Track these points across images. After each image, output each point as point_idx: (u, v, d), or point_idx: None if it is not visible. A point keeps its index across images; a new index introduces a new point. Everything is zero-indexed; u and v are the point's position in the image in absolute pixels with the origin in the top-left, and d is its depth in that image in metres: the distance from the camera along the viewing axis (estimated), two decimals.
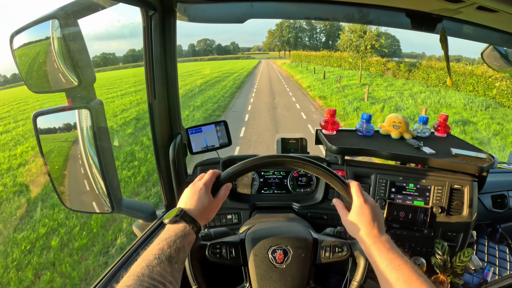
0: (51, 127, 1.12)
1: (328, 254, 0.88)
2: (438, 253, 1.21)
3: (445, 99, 14.50)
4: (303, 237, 0.91)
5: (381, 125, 1.55)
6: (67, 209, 1.22)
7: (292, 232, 0.93)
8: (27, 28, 0.99)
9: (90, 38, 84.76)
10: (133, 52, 78.02)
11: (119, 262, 1.12)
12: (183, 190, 0.85)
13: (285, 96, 16.91)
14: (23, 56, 1.06)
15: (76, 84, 1.01)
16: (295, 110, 12.55)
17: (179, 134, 1.37)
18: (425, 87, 18.36)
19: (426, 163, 1.29)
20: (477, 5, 0.93)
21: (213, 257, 0.88)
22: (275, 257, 0.88)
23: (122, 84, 28.25)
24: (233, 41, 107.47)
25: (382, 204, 1.30)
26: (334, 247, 0.89)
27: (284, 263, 0.87)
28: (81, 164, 1.15)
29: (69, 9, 0.97)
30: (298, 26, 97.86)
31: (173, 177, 1.34)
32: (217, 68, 49.12)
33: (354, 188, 0.82)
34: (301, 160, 0.85)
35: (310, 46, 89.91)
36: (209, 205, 0.81)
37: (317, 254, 0.89)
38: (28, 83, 1.06)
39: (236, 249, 0.90)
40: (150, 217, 1.37)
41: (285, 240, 0.90)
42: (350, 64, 29.71)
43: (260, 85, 22.82)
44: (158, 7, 1.13)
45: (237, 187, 1.44)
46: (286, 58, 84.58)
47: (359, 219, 0.78)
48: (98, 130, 1.06)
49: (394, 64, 22.81)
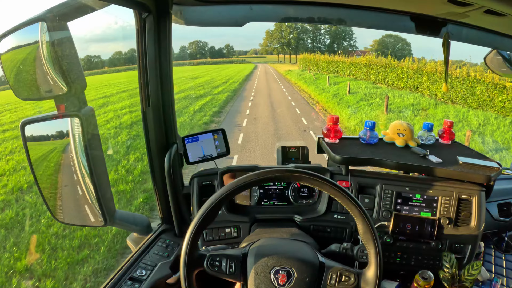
0: (39, 134, 1.07)
1: (334, 282, 0.84)
2: (446, 266, 1.17)
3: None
4: (309, 261, 0.87)
5: (385, 132, 1.50)
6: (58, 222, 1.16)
7: (298, 253, 0.88)
8: (14, 31, 0.94)
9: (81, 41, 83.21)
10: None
11: (111, 281, 1.06)
12: (180, 202, 0.80)
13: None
14: (10, 61, 1.00)
15: (65, 91, 0.96)
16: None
17: (174, 143, 1.31)
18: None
19: (433, 172, 1.24)
20: (485, 9, 0.90)
21: (211, 270, 0.84)
22: (277, 278, 0.83)
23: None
24: (228, 43, 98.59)
25: (388, 216, 1.25)
26: (341, 275, 0.85)
27: (287, 286, 0.82)
28: (72, 174, 1.10)
29: (58, 11, 0.92)
30: (299, 27, 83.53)
31: (168, 188, 1.28)
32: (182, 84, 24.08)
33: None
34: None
35: (312, 49, 79.45)
36: None
37: (322, 280, 0.85)
38: (15, 90, 1.01)
39: (237, 263, 0.85)
40: (145, 230, 1.31)
41: (290, 261, 0.85)
42: (377, 75, 19.30)
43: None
44: (153, 10, 1.08)
45: (236, 199, 1.38)
46: (287, 63, 74.08)
47: None
48: (89, 138, 1.01)
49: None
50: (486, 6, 0.87)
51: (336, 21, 1.26)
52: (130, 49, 49.12)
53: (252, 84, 24.87)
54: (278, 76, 33.21)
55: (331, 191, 0.85)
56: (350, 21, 1.27)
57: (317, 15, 1.23)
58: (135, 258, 1.17)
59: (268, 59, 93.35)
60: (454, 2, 0.91)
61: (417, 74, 16.07)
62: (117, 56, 65.56)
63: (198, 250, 0.84)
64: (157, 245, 1.27)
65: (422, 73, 15.72)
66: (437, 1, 0.96)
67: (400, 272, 1.31)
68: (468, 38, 1.33)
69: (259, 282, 0.83)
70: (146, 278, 1.10)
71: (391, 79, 18.04)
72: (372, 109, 12.60)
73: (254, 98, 17.05)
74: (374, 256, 0.84)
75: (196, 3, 1.16)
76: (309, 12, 1.22)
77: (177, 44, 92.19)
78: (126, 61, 39.33)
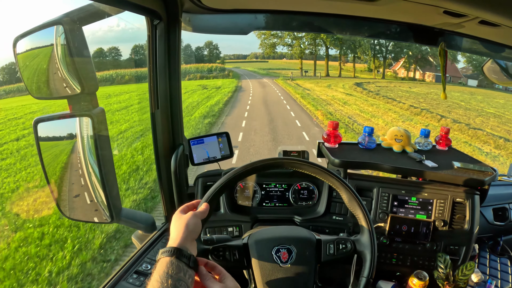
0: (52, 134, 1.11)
1: (332, 252, 0.89)
2: (440, 266, 1.20)
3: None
4: (307, 237, 0.92)
5: (383, 138, 1.55)
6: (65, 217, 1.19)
7: (295, 233, 0.94)
8: (31, 33, 0.99)
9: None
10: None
11: (117, 274, 1.10)
12: (184, 202, 0.84)
13: None
14: (26, 61, 1.05)
15: (78, 92, 1.00)
16: None
17: (181, 144, 1.36)
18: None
19: (428, 176, 1.29)
20: (479, 20, 0.94)
21: (216, 260, 0.87)
22: (279, 257, 0.87)
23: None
24: (211, 40, 60.71)
25: (385, 218, 1.29)
26: (338, 243, 0.90)
27: (289, 262, 0.87)
28: (81, 172, 1.14)
29: (75, 15, 0.97)
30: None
31: (174, 188, 1.32)
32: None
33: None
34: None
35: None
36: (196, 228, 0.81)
37: (321, 252, 0.90)
38: (30, 88, 1.06)
39: (240, 252, 0.89)
40: (150, 228, 1.35)
41: (288, 239, 0.90)
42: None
43: None
44: (164, 17, 1.13)
45: (238, 200, 1.43)
46: (317, 80, 35.36)
47: None
48: (99, 138, 1.05)
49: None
50: (480, 17, 0.91)
51: (337, 31, 1.31)
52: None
53: None
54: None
55: (316, 172, 0.91)
56: (351, 30, 1.32)
57: (318, 25, 1.28)
58: (141, 253, 1.21)
59: (271, 65, 58.21)
60: (449, 14, 0.95)
61: None
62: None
63: (201, 244, 0.87)
64: (162, 242, 1.31)
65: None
66: (433, 12, 0.99)
67: (396, 272, 1.35)
68: (465, 48, 1.37)
69: (263, 263, 0.87)
70: (151, 272, 1.13)
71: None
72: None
73: None
74: (364, 220, 0.89)
75: (204, 11, 1.21)
76: (311, 21, 1.27)
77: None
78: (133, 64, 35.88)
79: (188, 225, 0.78)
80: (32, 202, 5.27)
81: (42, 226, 4.35)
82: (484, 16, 0.90)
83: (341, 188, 0.91)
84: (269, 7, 1.23)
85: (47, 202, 5.10)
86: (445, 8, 0.91)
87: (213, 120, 12.82)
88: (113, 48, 46.82)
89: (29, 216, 4.74)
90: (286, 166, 0.92)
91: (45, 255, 3.71)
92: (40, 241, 3.98)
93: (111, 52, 46.53)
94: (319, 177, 0.92)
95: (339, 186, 0.91)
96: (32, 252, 3.75)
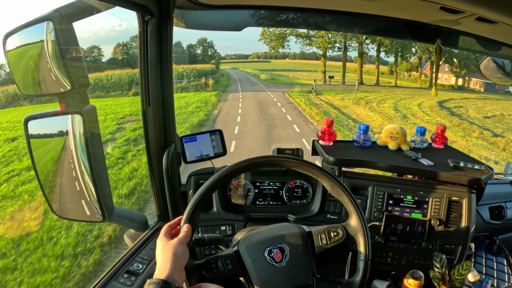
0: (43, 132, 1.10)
1: (325, 241, 0.88)
2: (436, 266, 1.19)
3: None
4: (296, 232, 0.91)
5: (378, 136, 1.54)
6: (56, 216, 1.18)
7: (283, 230, 0.92)
8: (20, 30, 0.98)
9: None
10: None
11: (109, 273, 1.08)
12: (176, 200, 0.83)
13: None
14: (16, 58, 1.04)
15: (69, 88, 0.99)
16: None
17: (173, 142, 1.34)
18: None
19: (424, 175, 1.27)
20: (476, 16, 0.93)
21: (210, 274, 0.85)
22: (273, 257, 0.86)
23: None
24: (205, 37, 45.66)
25: (380, 217, 1.27)
26: (329, 232, 0.89)
27: (284, 261, 0.86)
28: (72, 170, 1.13)
29: (64, 11, 0.96)
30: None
31: (166, 186, 1.30)
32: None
33: None
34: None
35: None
36: (184, 256, 0.80)
37: (314, 244, 0.89)
38: (20, 86, 1.04)
39: (232, 260, 0.87)
40: (142, 226, 1.33)
41: (279, 238, 0.89)
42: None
43: None
44: (155, 13, 1.11)
45: (232, 198, 1.41)
46: (355, 92, 20.49)
47: None
48: (90, 136, 1.04)
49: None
50: (477, 14, 0.91)
51: (334, 28, 1.30)
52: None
53: None
54: None
55: (303, 168, 0.91)
56: (347, 27, 1.31)
57: (314, 21, 1.26)
58: (132, 252, 1.19)
59: (274, 65, 48.09)
60: (446, 10, 0.94)
61: None
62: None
63: (192, 261, 0.85)
64: (154, 241, 1.29)
65: None
66: (430, 8, 0.98)
67: (391, 272, 1.34)
68: (461, 45, 1.36)
69: (258, 267, 0.85)
70: (142, 272, 1.12)
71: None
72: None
73: None
74: (351, 204, 0.89)
75: (197, 7, 1.19)
76: (306, 18, 1.25)
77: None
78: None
79: (176, 254, 0.77)
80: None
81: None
82: (481, 13, 0.89)
83: (321, 177, 0.90)
84: (264, 3, 1.21)
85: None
86: (441, 4, 0.90)
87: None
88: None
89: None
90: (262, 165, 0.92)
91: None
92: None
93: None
94: (297, 170, 0.91)
95: (320, 175, 0.90)
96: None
